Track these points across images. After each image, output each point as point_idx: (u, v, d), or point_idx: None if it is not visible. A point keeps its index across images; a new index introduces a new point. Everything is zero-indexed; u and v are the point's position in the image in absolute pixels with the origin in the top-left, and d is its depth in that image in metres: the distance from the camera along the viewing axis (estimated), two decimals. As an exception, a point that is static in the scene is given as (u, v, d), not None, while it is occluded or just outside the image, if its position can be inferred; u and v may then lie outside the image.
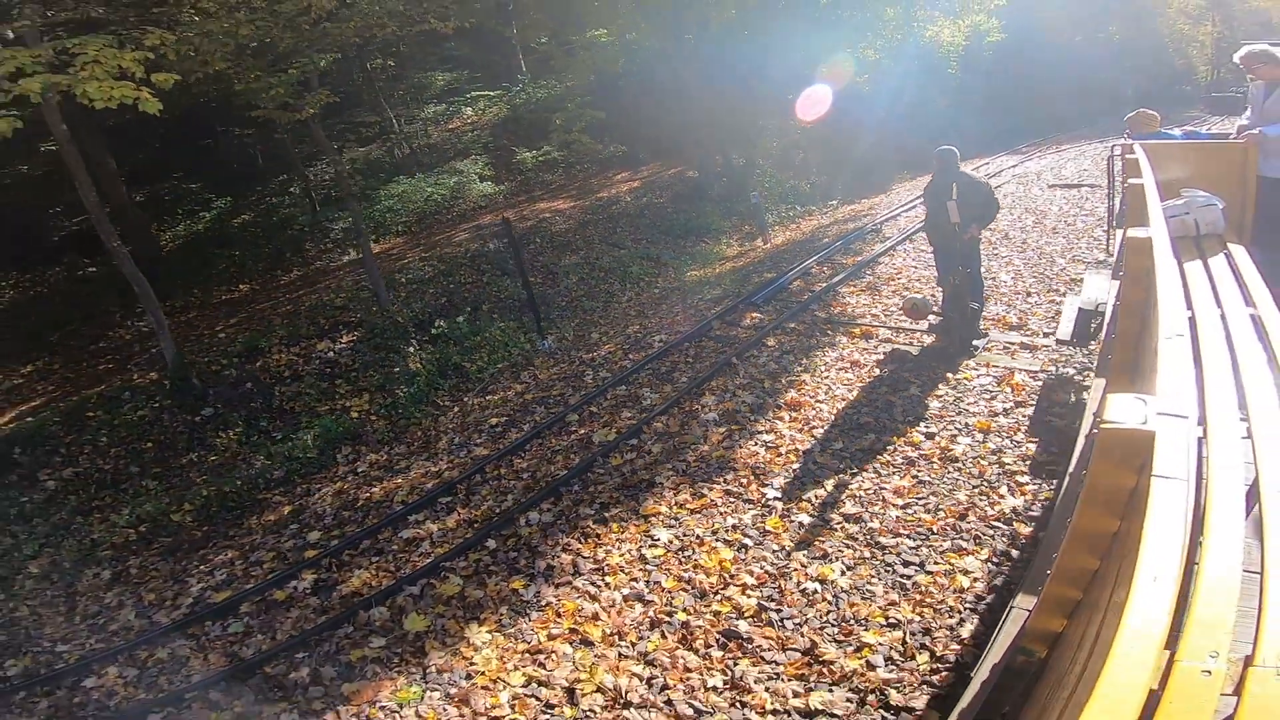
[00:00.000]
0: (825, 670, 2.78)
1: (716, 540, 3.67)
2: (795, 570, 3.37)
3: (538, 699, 2.87)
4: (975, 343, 5.49)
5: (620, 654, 3.03)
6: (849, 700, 2.63)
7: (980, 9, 12.64)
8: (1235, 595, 0.99)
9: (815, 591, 3.21)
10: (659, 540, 3.75)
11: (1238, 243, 3.10)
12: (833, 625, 3.01)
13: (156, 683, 3.66)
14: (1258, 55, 3.67)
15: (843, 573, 3.31)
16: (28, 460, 6.68)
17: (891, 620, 2.98)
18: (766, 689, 2.74)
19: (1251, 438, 1.45)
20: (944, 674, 2.67)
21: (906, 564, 3.30)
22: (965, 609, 2.98)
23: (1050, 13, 18.72)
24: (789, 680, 2.77)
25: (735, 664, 2.88)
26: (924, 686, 2.63)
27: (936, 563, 3.28)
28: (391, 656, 3.32)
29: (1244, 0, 35.27)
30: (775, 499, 3.96)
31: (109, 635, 4.28)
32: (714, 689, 2.78)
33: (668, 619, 3.18)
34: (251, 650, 3.67)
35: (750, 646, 2.95)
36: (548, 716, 2.79)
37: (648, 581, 3.45)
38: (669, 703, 2.75)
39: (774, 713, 2.62)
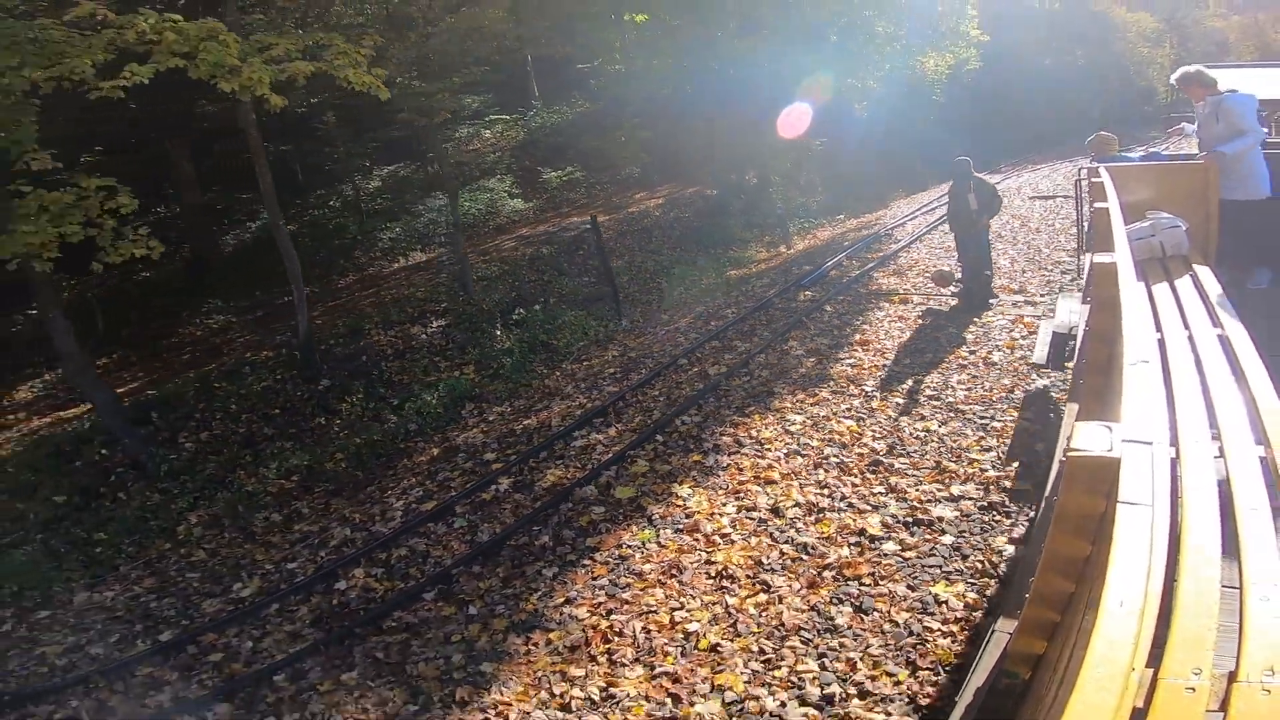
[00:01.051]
0: (953, 475, 4.17)
1: (839, 417, 5.06)
2: (905, 427, 4.78)
3: (750, 518, 4.15)
4: (990, 301, 7.12)
5: (800, 484, 4.35)
6: (977, 489, 4.01)
7: (964, 43, 14.94)
8: (1215, 612, 1.03)
9: (925, 436, 4.63)
10: (794, 421, 5.12)
11: (1203, 263, 3.26)
12: (946, 452, 4.41)
13: (408, 573, 4.37)
14: (1190, 77, 4.02)
15: (939, 425, 4.74)
16: (165, 424, 7.62)
17: (985, 446, 4.40)
18: (915, 489, 4.11)
19: (1224, 457, 1.52)
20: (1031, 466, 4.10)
21: (981, 418, 4.75)
22: (1030, 438, 4.43)
23: (1021, 37, 21.40)
24: (930, 484, 4.15)
25: (886, 479, 4.24)
26: (1023, 477, 4.05)
27: (999, 418, 4.74)
28: (615, 516, 4.47)
29: (1199, 23, 39.19)
30: (872, 392, 5.40)
31: (332, 550, 4.98)
32: (878, 493, 4.13)
33: (825, 461, 4.53)
34: (486, 535, 4.62)
35: (893, 469, 4.33)
36: (764, 525, 4.06)
37: (799, 444, 4.80)
38: (850, 505, 4.08)
39: (929, 499, 3.98)
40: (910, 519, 3.83)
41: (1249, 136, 3.78)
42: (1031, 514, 3.53)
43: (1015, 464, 4.18)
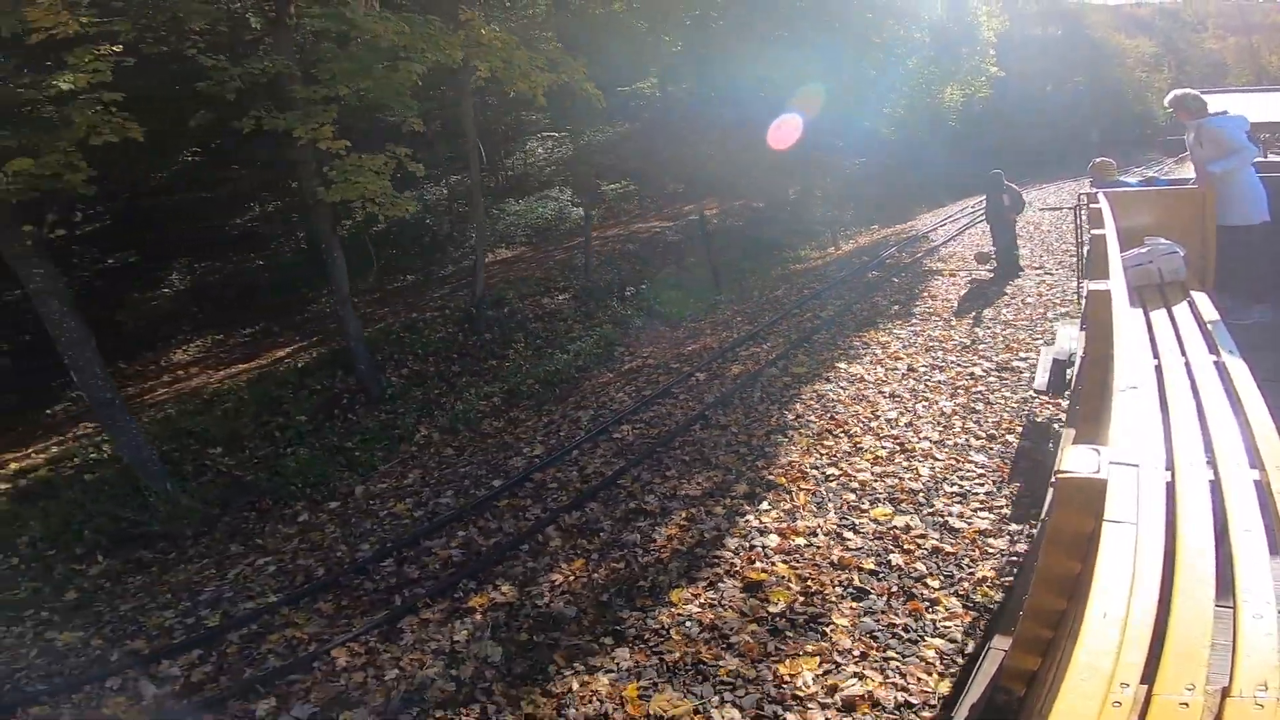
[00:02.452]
0: (1018, 350, 6.85)
1: (930, 330, 7.76)
2: (978, 332, 7.49)
3: (895, 373, 6.73)
4: (1019, 272, 9.95)
5: (920, 358, 6.99)
6: (1030, 363, 6.68)
7: (980, 76, 18.26)
8: (1209, 630, 1.11)
9: (992, 336, 7.33)
10: (900, 334, 7.80)
11: (1200, 290, 3.38)
12: (1010, 342, 7.11)
13: (663, 427, 6.47)
14: (1179, 99, 4.25)
15: (1001, 330, 7.45)
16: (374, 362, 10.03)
17: (1033, 341, 7.10)
18: (996, 358, 6.77)
19: (1219, 480, 1.65)
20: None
21: (1027, 327, 7.48)
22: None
23: (1024, 66, 24.92)
24: (1004, 354, 6.82)
25: (975, 354, 6.91)
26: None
27: (1039, 326, 7.46)
28: (801, 381, 6.90)
29: (1196, 46, 42.49)
30: (948, 319, 8.13)
31: (585, 425, 6.98)
32: (973, 360, 6.78)
33: (932, 348, 7.20)
34: (712, 397, 6.84)
35: (978, 350, 7.00)
36: (908, 374, 6.64)
37: (909, 342, 7.46)
38: (958, 365, 6.72)
39: (1006, 362, 6.64)
40: (998, 368, 6.50)
41: (1238, 154, 3.98)
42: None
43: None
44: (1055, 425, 4.99)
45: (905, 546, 4.03)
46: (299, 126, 6.72)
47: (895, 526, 4.24)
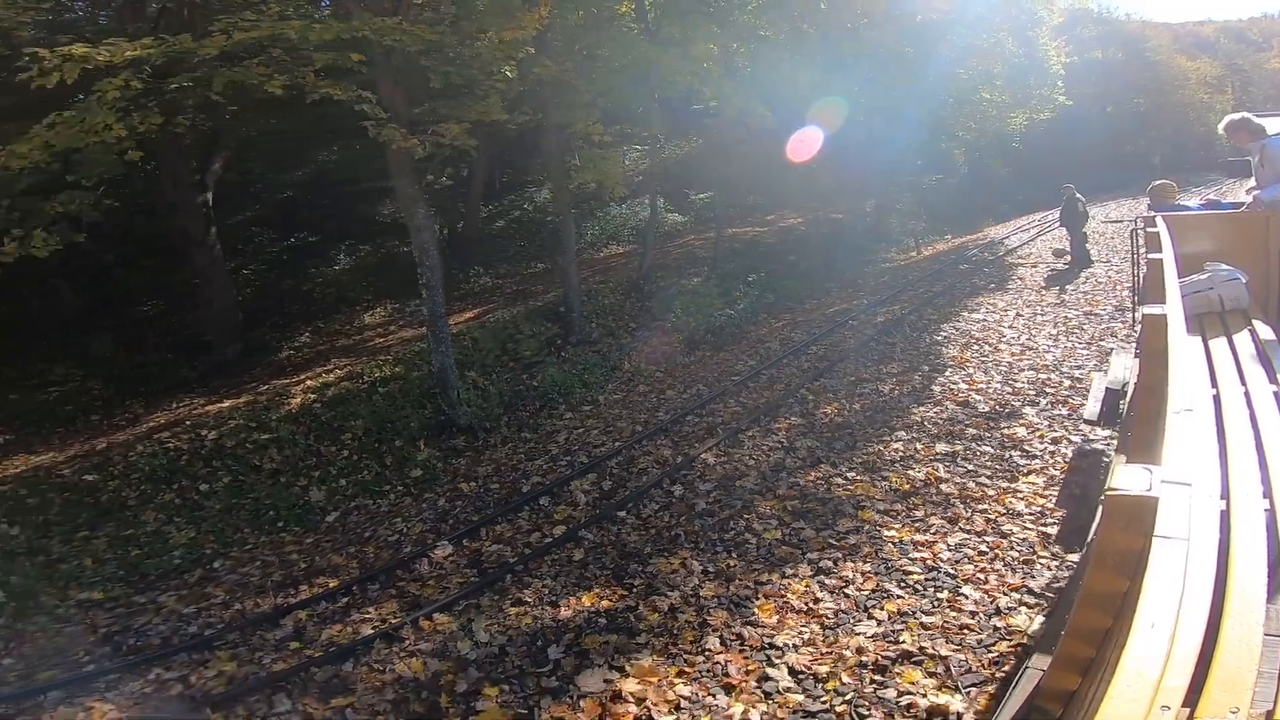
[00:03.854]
0: (1096, 309, 9.81)
1: (1026, 297, 10.77)
2: (1065, 298, 10.47)
3: (1009, 317, 9.71)
4: (1090, 264, 12.92)
5: (1025, 310, 9.98)
6: (1112, 312, 9.63)
7: (1048, 105, 21.27)
8: (1257, 655, 1.16)
9: (1077, 299, 10.34)
10: (1000, 301, 10.81)
11: (1262, 318, 3.50)
12: (1091, 303, 10.07)
13: (842, 348, 10.13)
14: (1236, 124, 4.47)
15: (1083, 294, 10.43)
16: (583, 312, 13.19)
17: (1108, 305, 10.04)
18: (1081, 313, 9.73)
19: (1274, 509, 1.71)
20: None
21: (1103, 295, 10.45)
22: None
23: (1085, 88, 27.30)
24: (1086, 308, 9.78)
25: (1065, 309, 9.89)
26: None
27: (1115, 295, 10.41)
28: (939, 321, 9.98)
29: (1260, 66, 43.51)
30: (1038, 290, 11.16)
31: (774, 350, 10.59)
32: (1065, 313, 9.75)
33: (1031, 306, 10.19)
34: (866, 334, 10.16)
35: (1066, 305, 10.00)
36: (1019, 317, 9.67)
37: (1011, 303, 10.46)
38: (1055, 314, 9.70)
39: (1090, 312, 9.60)
40: (1084, 315, 9.46)
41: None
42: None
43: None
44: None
45: (1048, 389, 6.98)
46: (580, 122, 9.95)
47: (1042, 378, 7.23)
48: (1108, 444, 5.36)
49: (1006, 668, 3.23)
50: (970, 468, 5.49)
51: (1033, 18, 19.94)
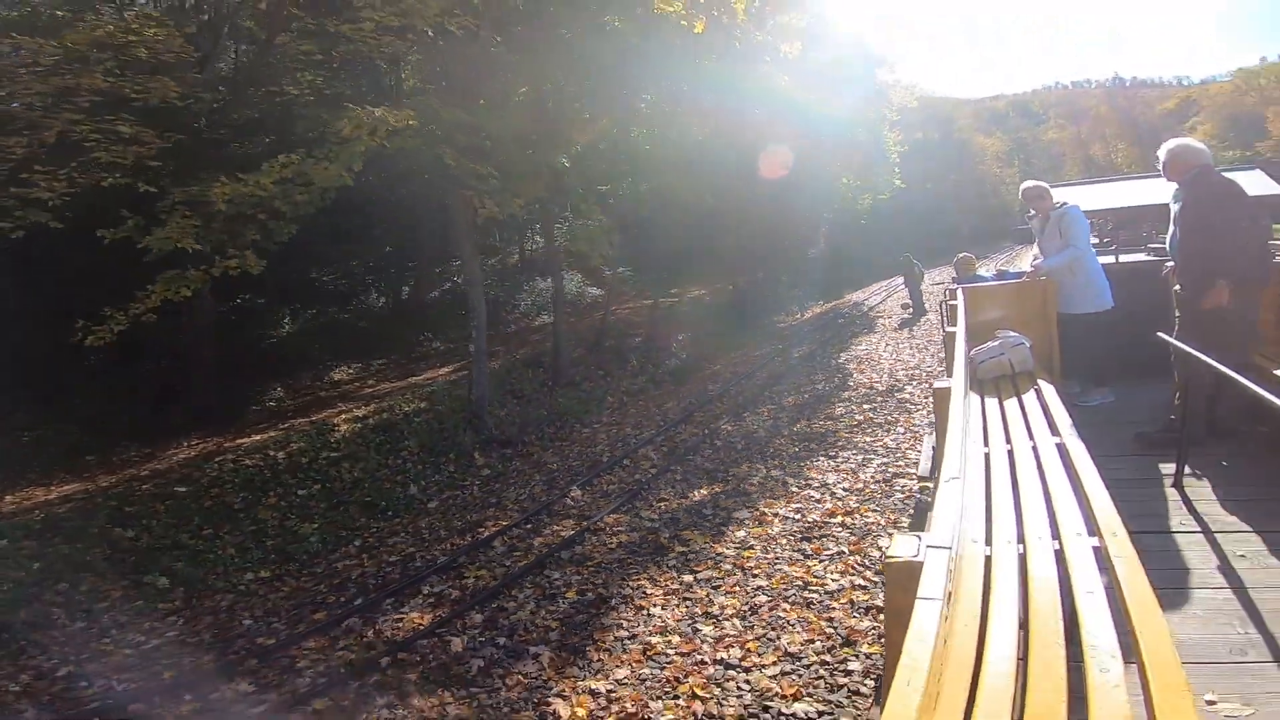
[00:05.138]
0: (932, 341, 15.23)
1: (887, 337, 16.07)
2: (913, 337, 15.88)
3: (883, 345, 14.77)
4: (925, 313, 18.88)
5: (893, 343, 15.14)
6: (935, 344, 15.08)
7: (888, 187, 28.47)
8: (1063, 685, 1.39)
9: (921, 337, 15.74)
10: (873, 339, 16.00)
11: (1047, 377, 4.05)
12: (929, 337, 15.50)
13: (757, 383, 14.44)
14: (1031, 191, 5.17)
15: (923, 334, 15.90)
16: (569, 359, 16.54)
17: (937, 347, 15.60)
18: (920, 340, 15.05)
19: (1062, 549, 2.03)
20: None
21: (935, 332, 16.03)
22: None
23: (910, 166, 34.55)
24: (925, 341, 15.15)
25: (912, 341, 15.18)
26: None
27: (938, 339, 16.08)
28: (837, 353, 14.84)
29: (1039, 138, 53.44)
30: (896, 332, 16.59)
31: (726, 381, 14.65)
32: (914, 342, 15.02)
33: (893, 343, 15.39)
34: (780, 369, 14.67)
35: (913, 341, 15.33)
36: (886, 349, 14.73)
37: (880, 340, 15.65)
38: (908, 344, 14.91)
39: (925, 343, 14.94)
40: (925, 343, 14.72)
41: (1068, 251, 4.88)
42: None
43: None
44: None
45: (915, 377, 11.68)
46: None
47: (910, 372, 11.98)
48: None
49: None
50: (885, 413, 9.88)
51: (881, 116, 27.31)
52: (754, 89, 16.07)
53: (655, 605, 5.54)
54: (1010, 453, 3.04)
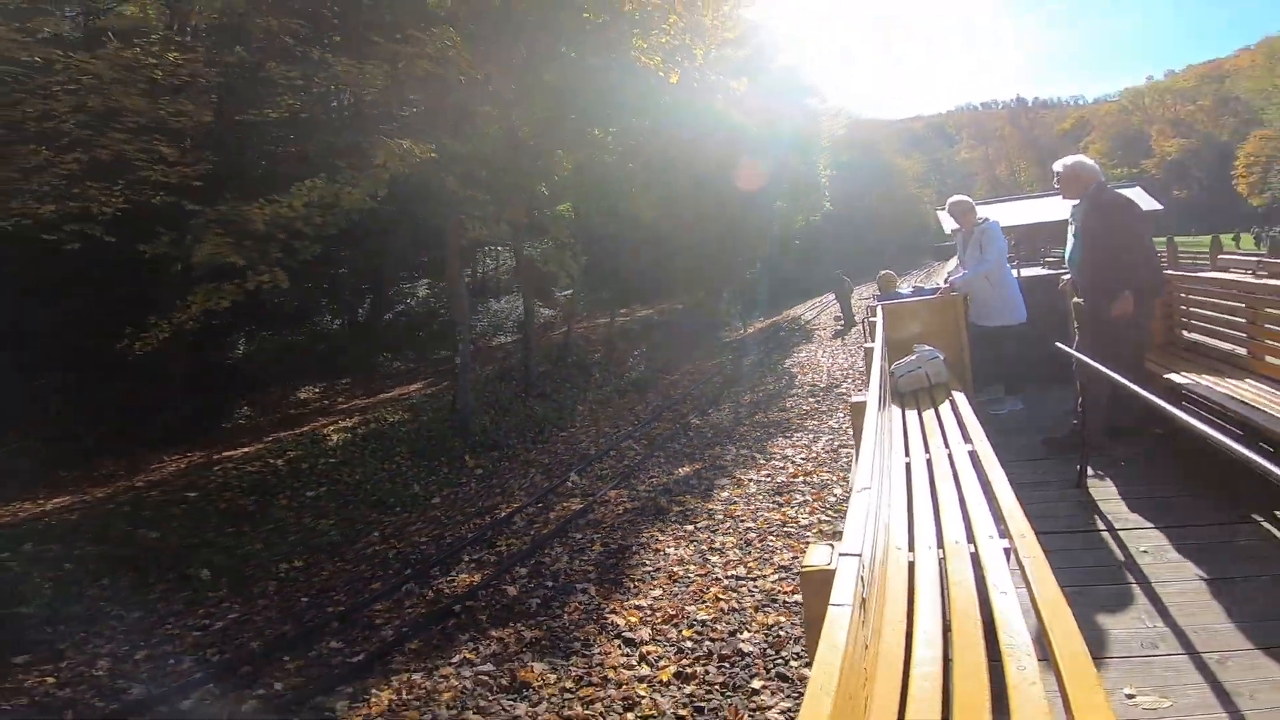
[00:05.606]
0: (859, 348, 17.69)
1: (823, 345, 18.42)
2: (845, 344, 18.31)
3: (822, 352, 17.03)
4: (855, 324, 21.46)
5: (829, 350, 17.44)
6: (862, 361, 17.55)
7: (818, 210, 31.22)
8: (986, 682, 1.47)
9: (851, 345, 18.17)
10: (810, 347, 18.31)
11: (960, 388, 4.28)
12: (858, 344, 17.96)
13: (717, 385, 16.31)
14: (957, 206, 5.50)
15: (853, 343, 18.35)
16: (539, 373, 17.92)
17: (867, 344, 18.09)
18: (853, 349, 17.45)
19: (978, 552, 2.14)
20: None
21: (862, 341, 18.54)
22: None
23: (836, 188, 37.41)
24: (854, 347, 17.56)
25: (845, 350, 17.56)
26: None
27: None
28: (782, 359, 16.99)
29: (952, 159, 57.38)
30: (830, 342, 18.95)
31: (685, 388, 16.49)
32: (847, 350, 17.40)
33: (829, 351, 17.73)
34: (734, 376, 16.65)
35: (845, 348, 17.72)
36: (824, 354, 17.00)
37: (818, 349, 17.95)
38: (841, 351, 17.25)
39: (856, 349, 17.35)
40: (857, 348, 17.06)
41: (980, 264, 5.23)
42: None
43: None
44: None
45: (849, 376, 13.86)
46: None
47: (845, 373, 14.22)
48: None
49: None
50: (827, 404, 11.96)
51: (813, 142, 30.04)
52: (708, 121, 18.15)
53: (669, 548, 7.15)
54: (929, 461, 3.22)
